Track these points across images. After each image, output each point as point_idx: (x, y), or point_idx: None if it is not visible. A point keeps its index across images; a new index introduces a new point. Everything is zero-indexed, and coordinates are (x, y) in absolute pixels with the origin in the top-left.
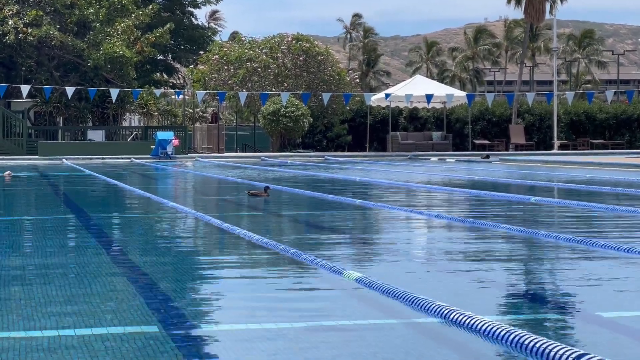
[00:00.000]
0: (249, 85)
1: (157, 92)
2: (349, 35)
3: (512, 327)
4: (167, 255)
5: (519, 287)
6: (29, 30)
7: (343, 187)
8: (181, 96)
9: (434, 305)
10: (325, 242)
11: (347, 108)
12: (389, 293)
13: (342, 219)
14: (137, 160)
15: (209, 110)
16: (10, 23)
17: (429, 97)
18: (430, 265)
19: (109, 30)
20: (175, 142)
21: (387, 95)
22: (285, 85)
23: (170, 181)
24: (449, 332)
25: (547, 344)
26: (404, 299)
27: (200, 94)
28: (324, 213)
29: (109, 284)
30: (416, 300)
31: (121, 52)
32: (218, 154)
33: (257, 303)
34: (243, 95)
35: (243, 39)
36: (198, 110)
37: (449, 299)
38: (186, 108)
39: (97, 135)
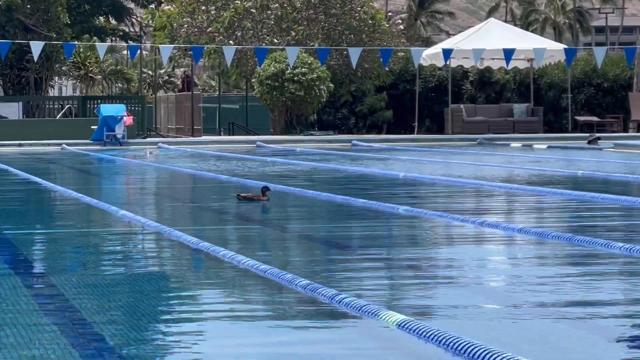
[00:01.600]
0: (239, 34)
1: (101, 46)
2: None
3: None
4: (115, 291)
5: None
6: None
7: (379, 188)
8: (137, 52)
9: None
10: (352, 269)
11: (387, 69)
12: (450, 345)
13: (377, 235)
14: (71, 148)
15: (179, 72)
16: None
17: (508, 53)
18: (514, 305)
19: None
20: (128, 120)
21: (447, 53)
22: (293, 35)
23: (121, 179)
24: None
25: None
26: (473, 355)
27: (166, 49)
28: (350, 226)
29: (21, 333)
30: (496, 357)
31: None
32: (192, 138)
33: None
34: (230, 50)
35: None
36: (162, 72)
37: (545, 357)
38: (144, 69)
39: (11, 111)
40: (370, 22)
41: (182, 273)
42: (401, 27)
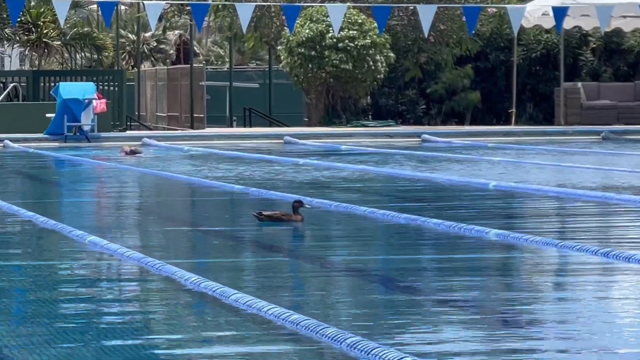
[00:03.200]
0: None
1: None
2: None
3: None
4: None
5: None
6: None
7: (461, 203)
8: (113, 9)
9: None
10: (424, 321)
11: (473, 33)
12: None
13: (459, 272)
14: (15, 145)
15: (172, 37)
16: None
17: None
18: None
19: None
20: (100, 105)
21: (560, 11)
22: None
23: (89, 191)
24: None
25: None
26: None
27: (155, 5)
28: (418, 258)
29: None
30: None
31: None
32: (192, 131)
33: None
34: (246, 7)
35: None
36: (149, 36)
37: None
38: (123, 32)
39: None
40: None
41: (179, 325)
42: None
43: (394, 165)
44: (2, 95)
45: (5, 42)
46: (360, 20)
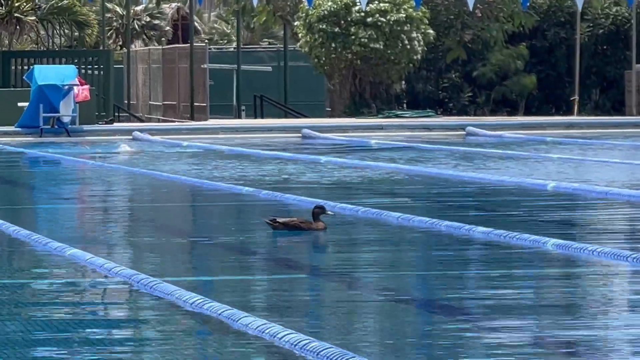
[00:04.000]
0: None
1: None
2: None
3: None
4: None
5: None
6: None
7: (513, 208)
8: None
9: None
10: (473, 352)
11: (527, 6)
12: None
13: (512, 291)
14: None
15: (168, 10)
16: None
17: None
18: None
19: None
20: (82, 92)
21: None
22: None
23: (71, 195)
24: None
25: None
26: None
27: None
28: (464, 273)
29: None
30: None
31: None
32: (192, 123)
33: None
34: None
35: None
36: (139, 10)
37: None
38: (110, 6)
39: None
40: None
41: (176, 355)
42: None
43: (433, 164)
44: None
45: None
46: None
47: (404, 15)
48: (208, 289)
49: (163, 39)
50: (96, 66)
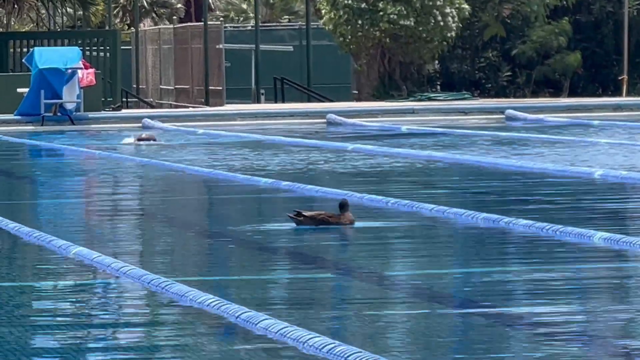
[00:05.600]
0: None
1: None
2: None
3: None
4: None
5: None
6: None
7: (557, 197)
8: None
9: None
10: (514, 356)
11: None
12: None
13: (555, 290)
14: None
15: None
16: None
17: None
18: None
19: None
20: (87, 76)
21: None
22: None
23: (76, 189)
24: None
25: None
26: None
27: None
28: (504, 270)
29: None
30: None
31: None
32: (207, 109)
33: None
34: None
35: None
36: None
37: None
38: None
39: None
40: None
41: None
42: None
43: (469, 151)
44: None
45: None
46: None
47: None
48: (224, 288)
49: (174, 17)
50: (102, 47)
